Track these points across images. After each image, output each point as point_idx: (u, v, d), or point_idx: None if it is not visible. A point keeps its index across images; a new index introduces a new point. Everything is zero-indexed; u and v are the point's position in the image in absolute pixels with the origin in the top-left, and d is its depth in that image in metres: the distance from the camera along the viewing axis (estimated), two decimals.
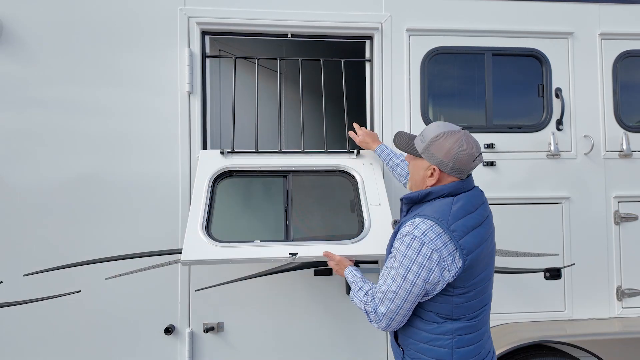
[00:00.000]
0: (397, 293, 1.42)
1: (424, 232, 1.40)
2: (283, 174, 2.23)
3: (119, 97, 2.29)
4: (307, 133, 2.49)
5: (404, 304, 1.43)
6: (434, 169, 1.52)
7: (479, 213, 1.51)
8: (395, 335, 1.61)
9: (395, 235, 1.51)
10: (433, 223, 1.41)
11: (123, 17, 2.30)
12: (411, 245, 1.40)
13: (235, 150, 2.27)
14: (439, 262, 1.39)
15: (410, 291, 1.41)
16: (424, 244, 1.39)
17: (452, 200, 1.48)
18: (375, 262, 2.34)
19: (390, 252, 1.53)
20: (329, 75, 2.41)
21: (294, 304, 2.35)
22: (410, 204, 1.61)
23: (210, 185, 2.11)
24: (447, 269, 1.40)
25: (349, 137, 2.34)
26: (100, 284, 2.24)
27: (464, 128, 1.55)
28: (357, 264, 2.26)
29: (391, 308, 1.44)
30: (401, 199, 1.64)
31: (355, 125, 2.35)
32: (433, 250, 1.38)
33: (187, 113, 2.32)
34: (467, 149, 1.48)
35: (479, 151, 1.52)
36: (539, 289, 2.45)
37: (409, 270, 1.40)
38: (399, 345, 1.59)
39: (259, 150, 2.29)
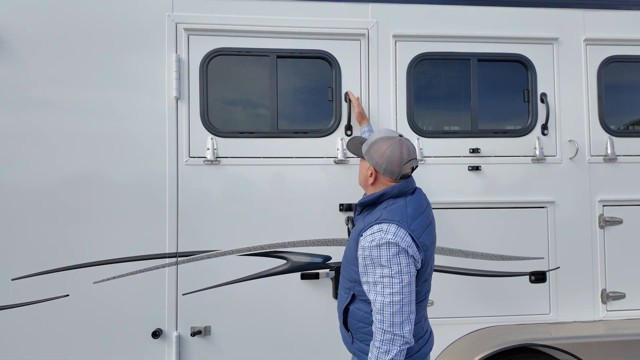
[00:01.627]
0: (402, 300, 1.50)
1: (394, 233, 1.53)
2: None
3: (109, 100, 2.30)
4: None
5: (411, 305, 1.52)
6: (372, 170, 1.70)
7: (427, 213, 1.71)
8: (345, 321, 1.72)
9: (357, 241, 1.62)
10: (397, 226, 1.55)
11: (115, 22, 2.32)
12: (390, 250, 1.52)
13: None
14: (412, 256, 1.55)
15: (411, 290, 1.52)
16: (398, 245, 1.52)
17: (405, 203, 1.64)
18: None
19: (357, 259, 1.62)
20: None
21: (281, 308, 2.37)
22: (364, 206, 1.75)
23: None
24: (414, 264, 1.56)
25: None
26: (89, 287, 2.26)
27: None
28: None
29: (403, 317, 1.50)
30: (355, 205, 1.79)
31: (350, 94, 2.42)
32: (407, 247, 1.53)
33: (174, 117, 2.34)
34: (399, 154, 1.65)
35: (412, 156, 1.69)
36: (525, 292, 2.48)
37: (403, 273, 1.51)
38: (348, 330, 1.71)
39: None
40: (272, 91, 2.41)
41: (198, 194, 2.34)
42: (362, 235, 1.60)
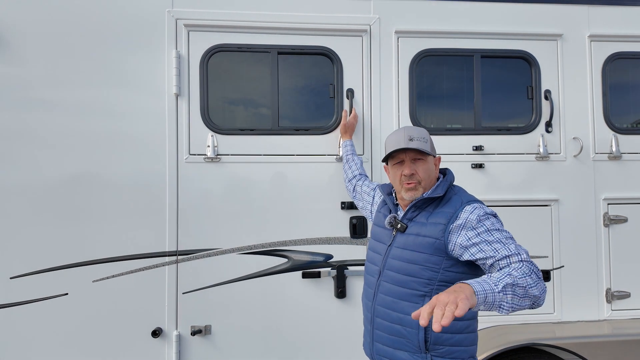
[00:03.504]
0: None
1: (487, 207, 1.59)
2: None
3: (108, 97, 2.28)
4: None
5: None
6: (437, 160, 1.73)
7: None
8: (425, 341, 1.51)
9: (443, 232, 1.52)
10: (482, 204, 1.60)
11: (115, 18, 2.30)
12: (497, 219, 1.56)
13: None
14: None
15: None
16: (496, 214, 1.58)
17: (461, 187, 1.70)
18: None
19: (434, 256, 1.54)
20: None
21: (282, 307, 2.34)
22: (424, 203, 1.64)
23: None
24: None
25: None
26: (88, 286, 2.24)
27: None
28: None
29: None
30: (414, 203, 1.63)
31: (354, 111, 2.39)
32: None
33: (174, 114, 2.32)
34: None
35: None
36: None
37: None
38: (427, 350, 1.51)
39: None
40: (273, 88, 2.39)
41: (198, 191, 2.32)
42: (458, 217, 1.52)
